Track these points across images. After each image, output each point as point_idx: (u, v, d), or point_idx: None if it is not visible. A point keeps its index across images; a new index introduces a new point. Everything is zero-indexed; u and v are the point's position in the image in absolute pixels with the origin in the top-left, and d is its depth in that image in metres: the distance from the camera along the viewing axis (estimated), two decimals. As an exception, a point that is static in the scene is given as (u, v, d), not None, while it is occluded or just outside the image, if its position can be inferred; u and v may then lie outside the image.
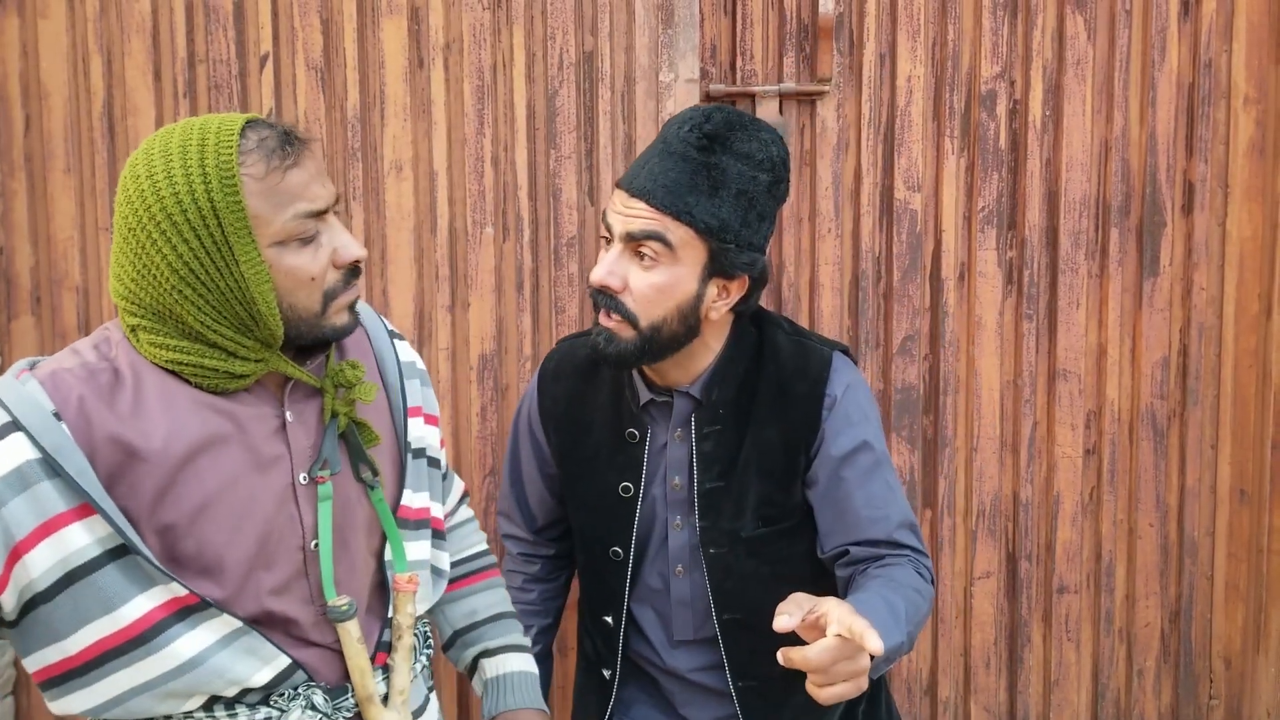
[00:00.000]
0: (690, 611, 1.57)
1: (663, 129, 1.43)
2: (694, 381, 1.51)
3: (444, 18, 2.03)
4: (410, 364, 1.37)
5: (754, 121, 1.41)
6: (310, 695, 1.17)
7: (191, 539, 1.11)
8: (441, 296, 2.07)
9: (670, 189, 1.36)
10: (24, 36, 2.02)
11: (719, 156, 1.37)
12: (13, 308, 2.06)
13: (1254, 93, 2.09)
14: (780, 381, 1.51)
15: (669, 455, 1.53)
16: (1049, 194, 2.11)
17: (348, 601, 1.18)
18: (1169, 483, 2.16)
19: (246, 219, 1.10)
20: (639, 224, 1.38)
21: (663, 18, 2.03)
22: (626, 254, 1.40)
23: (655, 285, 1.39)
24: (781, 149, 1.42)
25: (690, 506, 1.53)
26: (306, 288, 1.14)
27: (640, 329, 1.40)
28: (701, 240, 1.38)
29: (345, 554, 1.21)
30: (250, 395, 1.18)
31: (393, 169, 2.04)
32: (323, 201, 1.15)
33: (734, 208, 1.38)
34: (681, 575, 1.56)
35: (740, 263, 1.40)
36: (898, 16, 2.07)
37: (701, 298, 1.41)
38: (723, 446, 1.51)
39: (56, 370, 1.11)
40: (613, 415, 1.56)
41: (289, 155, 1.12)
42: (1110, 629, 2.18)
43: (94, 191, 2.04)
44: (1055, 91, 2.09)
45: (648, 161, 1.40)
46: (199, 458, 1.12)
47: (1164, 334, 2.13)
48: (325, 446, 1.19)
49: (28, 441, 1.06)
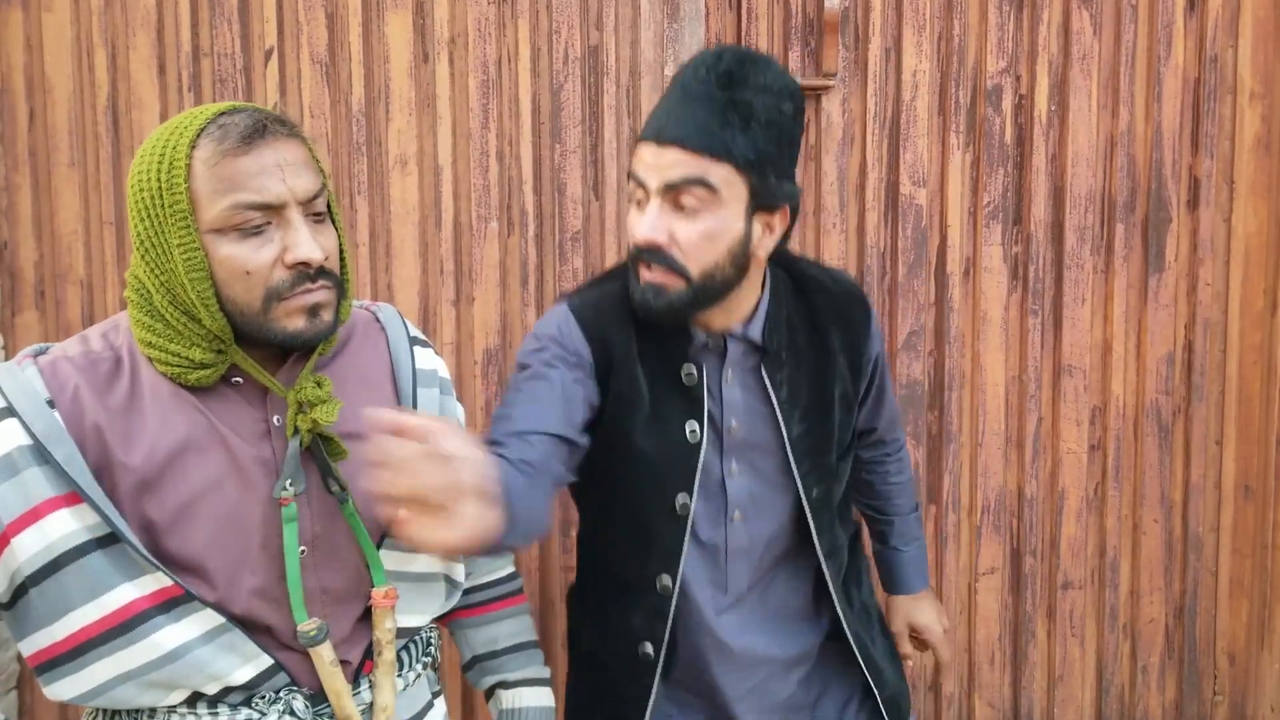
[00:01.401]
0: (747, 561, 1.53)
1: (676, 76, 1.40)
2: (748, 322, 1.48)
3: (449, 12, 2.02)
4: (430, 372, 1.34)
5: (762, 55, 1.40)
6: (291, 700, 1.17)
7: (174, 538, 1.11)
8: (446, 291, 2.07)
9: (704, 130, 1.33)
10: (28, 30, 2.01)
11: (741, 91, 1.35)
12: (17, 302, 2.06)
13: (1260, 88, 2.08)
14: (836, 309, 1.53)
15: (724, 398, 1.49)
16: (1054, 189, 2.11)
17: (317, 625, 1.16)
18: (1174, 478, 2.16)
19: (184, 202, 1.08)
20: (678, 171, 1.34)
21: (668, 12, 2.02)
22: (666, 206, 1.36)
23: (703, 232, 1.35)
24: (793, 79, 1.41)
25: (751, 451, 1.51)
26: (243, 281, 1.10)
27: (692, 279, 1.37)
28: (742, 177, 1.35)
29: (334, 559, 1.20)
30: (238, 396, 1.17)
31: (398, 163, 2.04)
32: (272, 196, 1.10)
33: (767, 138, 1.36)
34: (739, 521, 1.52)
35: (782, 193, 1.39)
36: (903, 11, 2.06)
37: (749, 236, 1.39)
38: (798, 390, 1.50)
39: (58, 358, 1.13)
40: (665, 358, 1.49)
41: (240, 140, 1.09)
42: (1115, 625, 2.18)
43: (98, 186, 2.03)
44: (1061, 87, 2.09)
45: (671, 109, 1.36)
46: (183, 458, 1.12)
47: (1169, 330, 2.13)
48: (287, 464, 1.16)
49: (20, 427, 1.07)
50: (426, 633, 1.32)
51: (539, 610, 2.15)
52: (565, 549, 2.14)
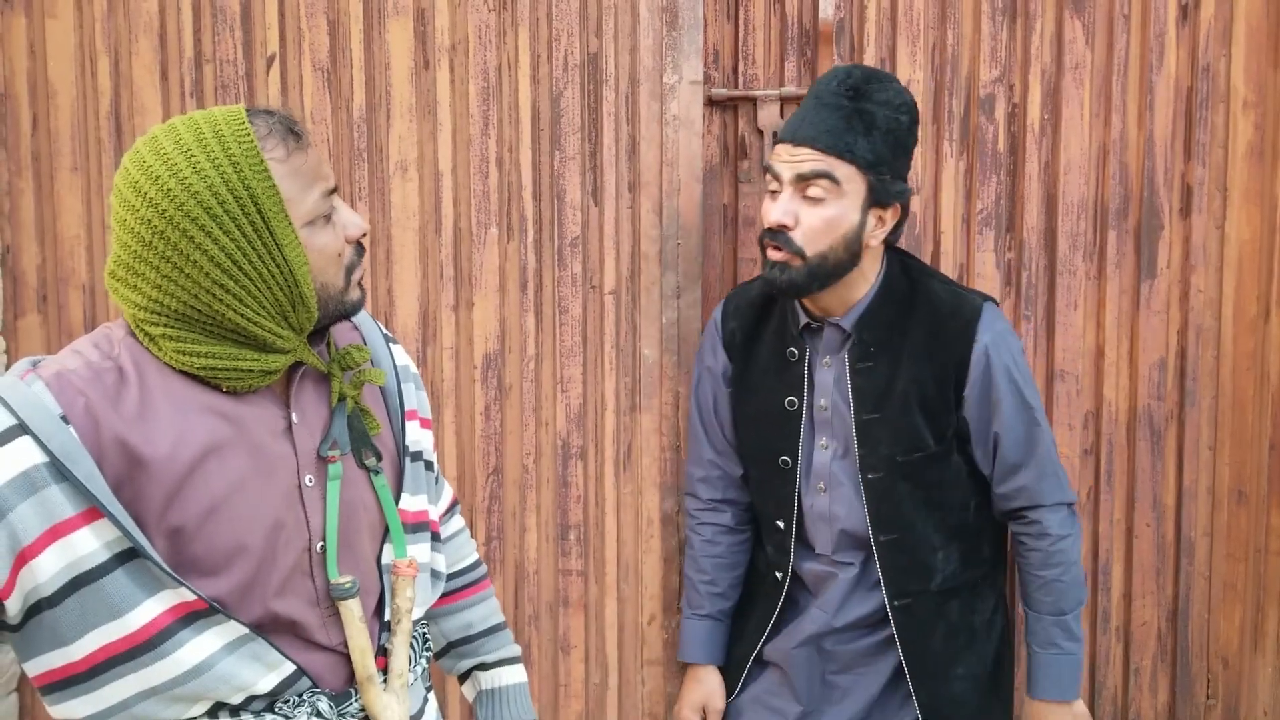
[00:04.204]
0: (828, 528, 1.76)
1: (812, 88, 1.67)
2: (847, 313, 1.71)
3: (450, 19, 2.05)
4: (405, 368, 1.38)
5: (886, 74, 1.68)
6: (315, 702, 1.18)
7: (200, 542, 1.11)
8: (446, 296, 2.08)
9: (832, 133, 1.60)
10: (31, 36, 2.03)
11: (865, 104, 1.62)
12: (19, 306, 2.07)
13: (1253, 96, 2.10)
14: (933, 323, 1.71)
15: (818, 378, 1.75)
16: (1047, 197, 2.13)
17: (351, 580, 1.19)
18: (1166, 483, 2.18)
19: (282, 202, 1.12)
20: (808, 166, 1.60)
21: (667, 20, 2.04)
22: (796, 196, 1.62)
23: (824, 218, 1.61)
24: (910, 96, 1.67)
25: (834, 430, 1.74)
26: (335, 264, 1.17)
27: (808, 259, 1.62)
28: (862, 175, 1.61)
29: (349, 555, 1.22)
30: (256, 396, 1.18)
31: (398, 169, 2.06)
32: (333, 180, 1.19)
33: (885, 144, 1.62)
34: (822, 492, 1.76)
35: (894, 191, 1.64)
36: (898, 21, 2.08)
37: (863, 227, 1.64)
38: (875, 380, 1.71)
39: (62, 371, 1.09)
40: (777, 339, 1.78)
41: (301, 137, 1.15)
42: (1108, 628, 2.20)
43: (100, 190, 2.05)
44: (1054, 95, 2.11)
45: (806, 115, 1.63)
46: (207, 461, 1.11)
47: (1161, 336, 2.15)
48: (334, 427, 1.21)
49: (35, 445, 1.04)
50: (422, 628, 1.34)
51: (537, 613, 2.16)
52: (563, 551, 2.16)
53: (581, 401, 2.12)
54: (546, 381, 2.11)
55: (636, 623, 2.16)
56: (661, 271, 2.08)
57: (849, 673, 1.78)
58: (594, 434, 2.13)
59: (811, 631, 1.78)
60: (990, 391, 1.70)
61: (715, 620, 1.88)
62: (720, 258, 2.15)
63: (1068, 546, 1.74)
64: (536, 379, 2.11)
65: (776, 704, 1.81)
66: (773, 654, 1.82)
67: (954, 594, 1.76)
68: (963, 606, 1.77)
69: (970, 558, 1.78)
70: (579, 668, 2.17)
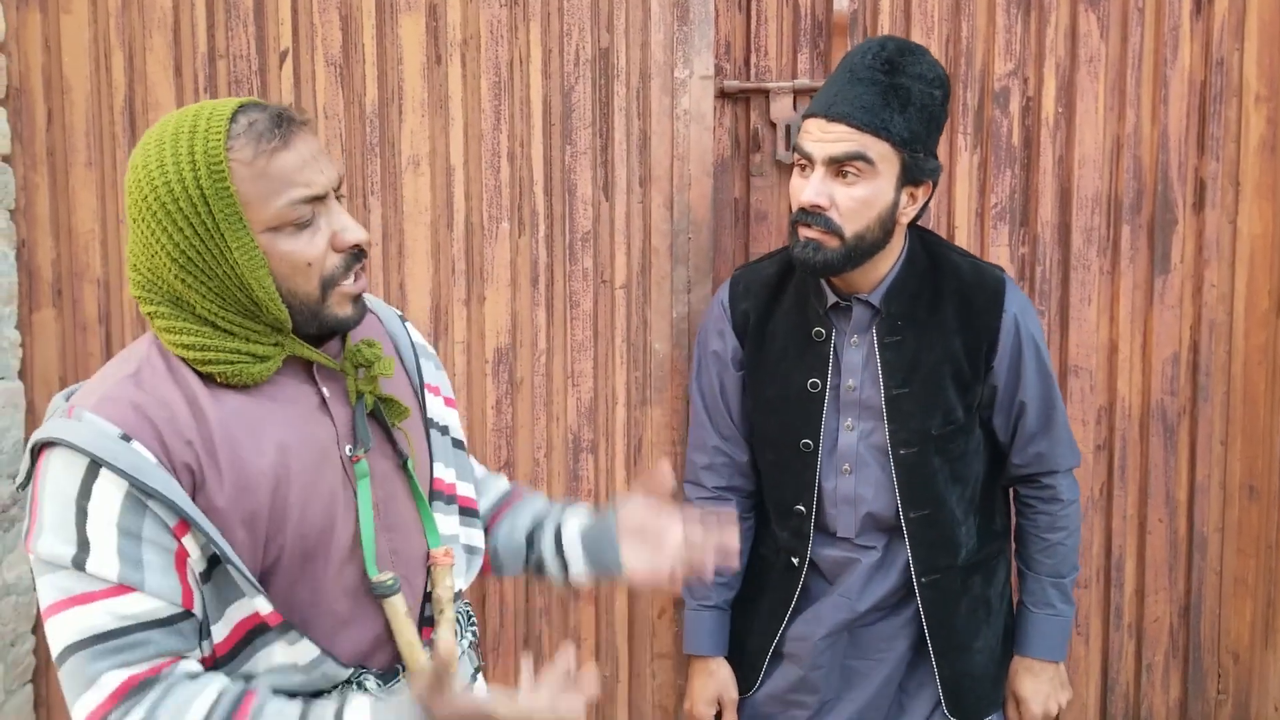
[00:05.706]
0: (852, 511, 1.74)
1: (843, 60, 1.62)
2: (874, 289, 1.68)
3: (461, 14, 2.05)
4: (424, 346, 1.39)
5: (919, 46, 1.63)
6: (364, 681, 1.19)
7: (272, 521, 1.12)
8: (458, 290, 2.09)
9: (868, 109, 1.56)
10: (46, 31, 2.04)
11: (900, 78, 1.57)
12: (34, 300, 2.08)
13: (1265, 91, 2.09)
14: (961, 294, 1.70)
15: (845, 358, 1.71)
16: (1061, 191, 2.12)
17: (391, 577, 1.19)
18: (1179, 478, 2.17)
19: (236, 205, 1.09)
20: (842, 146, 1.56)
21: (678, 14, 2.04)
22: (829, 175, 1.58)
23: (860, 199, 1.58)
24: (943, 69, 1.64)
25: (861, 410, 1.72)
26: (304, 273, 1.13)
27: (845, 239, 1.59)
28: (897, 152, 1.58)
29: (393, 532, 1.23)
30: (284, 378, 1.18)
31: (410, 164, 2.06)
32: (319, 186, 1.13)
33: (919, 120, 1.58)
34: (848, 474, 1.73)
35: (928, 168, 1.62)
36: (911, 14, 2.08)
37: (897, 204, 1.61)
38: (904, 354, 1.69)
39: (102, 394, 1.09)
40: (799, 320, 1.74)
41: (277, 137, 1.10)
42: (1120, 624, 2.20)
43: (115, 185, 2.06)
44: (1068, 89, 2.10)
45: (839, 89, 1.58)
46: (260, 440, 1.12)
47: (1175, 330, 2.14)
48: (356, 426, 1.20)
49: (113, 474, 1.04)
50: (465, 606, 1.35)
51: (548, 606, 2.17)
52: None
53: (592, 396, 2.12)
54: (557, 376, 2.12)
55: (647, 616, 2.17)
56: (672, 266, 2.09)
57: (867, 658, 1.79)
58: (605, 428, 2.13)
59: (837, 620, 1.76)
60: (1019, 361, 1.71)
61: (722, 610, 1.87)
62: (731, 252, 2.15)
63: (1074, 511, 1.79)
64: (547, 373, 2.12)
65: (796, 697, 1.81)
66: (791, 645, 1.80)
67: (976, 568, 1.77)
68: (983, 580, 1.78)
69: (985, 530, 1.79)
70: (589, 661, 2.18)
